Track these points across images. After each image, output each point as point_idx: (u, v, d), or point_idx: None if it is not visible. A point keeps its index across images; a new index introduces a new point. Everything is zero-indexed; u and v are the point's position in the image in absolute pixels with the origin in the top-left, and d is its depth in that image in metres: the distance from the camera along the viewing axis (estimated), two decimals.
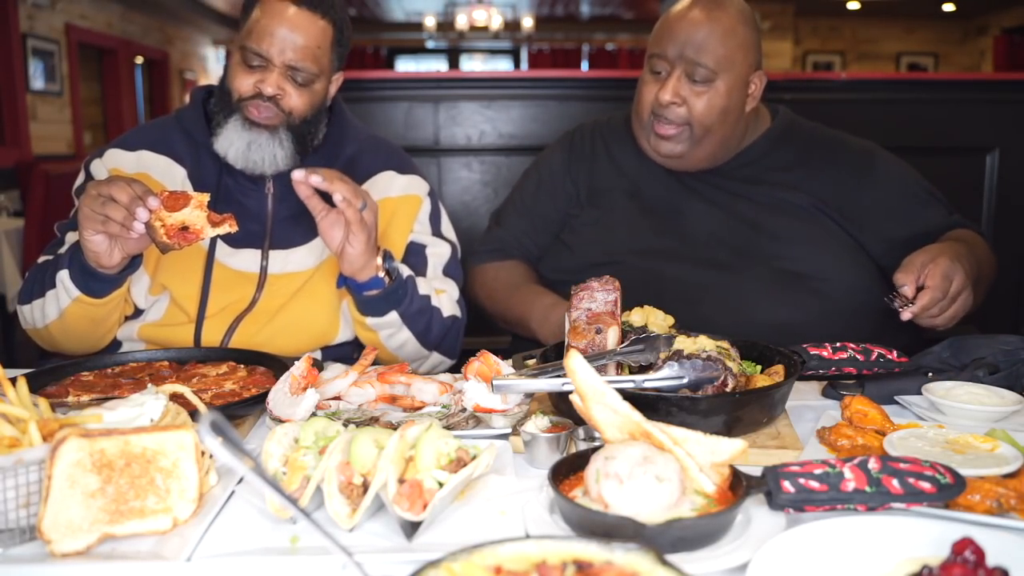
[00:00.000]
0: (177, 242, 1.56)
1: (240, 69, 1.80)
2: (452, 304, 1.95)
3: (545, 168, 2.19)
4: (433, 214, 2.02)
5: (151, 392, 1.23)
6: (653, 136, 1.97)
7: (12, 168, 7.32)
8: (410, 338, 1.85)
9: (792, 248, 1.94)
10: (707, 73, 1.88)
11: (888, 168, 2.06)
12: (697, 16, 1.88)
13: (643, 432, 1.05)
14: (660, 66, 1.92)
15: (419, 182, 2.02)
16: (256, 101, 1.79)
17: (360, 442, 1.06)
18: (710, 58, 1.87)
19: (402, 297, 1.80)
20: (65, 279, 1.69)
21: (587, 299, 1.50)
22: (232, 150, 1.81)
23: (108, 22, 10.93)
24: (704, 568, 0.94)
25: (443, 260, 1.98)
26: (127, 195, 1.54)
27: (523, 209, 2.19)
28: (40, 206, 4.99)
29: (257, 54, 1.76)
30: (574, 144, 2.19)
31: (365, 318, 1.80)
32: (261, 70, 1.78)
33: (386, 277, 1.77)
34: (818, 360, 1.47)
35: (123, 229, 1.55)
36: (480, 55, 17.92)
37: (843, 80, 3.30)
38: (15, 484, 1.00)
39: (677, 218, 2.02)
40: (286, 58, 1.77)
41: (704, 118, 1.90)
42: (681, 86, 1.89)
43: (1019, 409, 1.39)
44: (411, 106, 3.23)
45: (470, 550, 0.84)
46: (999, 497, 1.05)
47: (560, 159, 2.18)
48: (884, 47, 15.12)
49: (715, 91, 1.89)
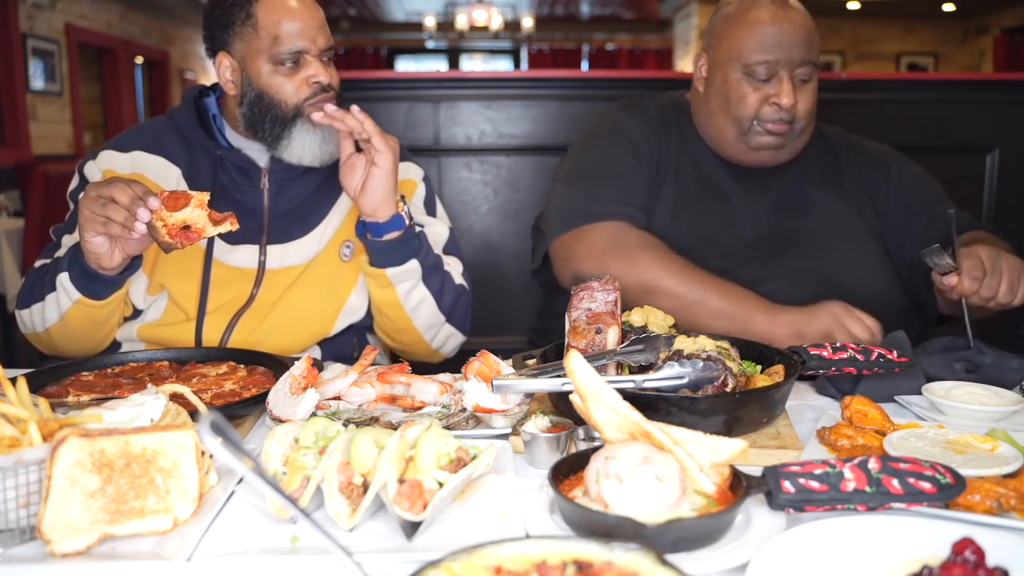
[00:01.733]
0: (180, 241, 1.56)
1: (277, 77, 1.78)
2: (459, 275, 1.95)
3: (637, 134, 2.11)
4: (428, 199, 2.03)
5: (151, 392, 1.23)
6: (757, 137, 1.99)
7: (12, 168, 7.31)
8: (427, 296, 1.84)
9: (824, 251, 1.98)
10: (811, 70, 1.96)
11: (904, 168, 2.13)
12: (787, 15, 1.94)
13: (643, 432, 1.05)
14: (763, 72, 1.95)
15: (414, 168, 2.04)
16: (316, 97, 1.79)
17: (360, 442, 1.06)
18: (813, 53, 1.95)
19: (420, 245, 1.81)
20: (65, 282, 1.69)
21: (587, 299, 1.50)
22: (308, 154, 1.82)
23: (108, 22, 10.93)
24: (704, 568, 0.94)
25: (443, 238, 1.98)
26: (128, 196, 1.54)
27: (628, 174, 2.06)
28: (40, 206, 4.99)
29: (295, 53, 1.77)
30: (646, 112, 2.16)
31: (385, 270, 1.79)
32: (298, 68, 1.78)
33: (406, 217, 1.78)
34: (818, 360, 1.47)
35: (124, 230, 1.55)
36: (480, 55, 17.92)
37: (843, 80, 3.30)
38: (15, 484, 1.00)
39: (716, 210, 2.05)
40: (319, 44, 1.79)
41: (809, 113, 1.99)
42: (795, 88, 1.95)
43: (1019, 409, 1.39)
44: (411, 106, 3.23)
45: (470, 550, 0.84)
46: (999, 497, 1.05)
47: (642, 124, 2.13)
48: (884, 47, 15.11)
49: (813, 85, 1.99)
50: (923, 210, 2.06)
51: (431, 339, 1.91)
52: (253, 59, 1.79)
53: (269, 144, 1.83)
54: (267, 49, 1.77)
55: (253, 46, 1.78)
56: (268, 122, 1.81)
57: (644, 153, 2.08)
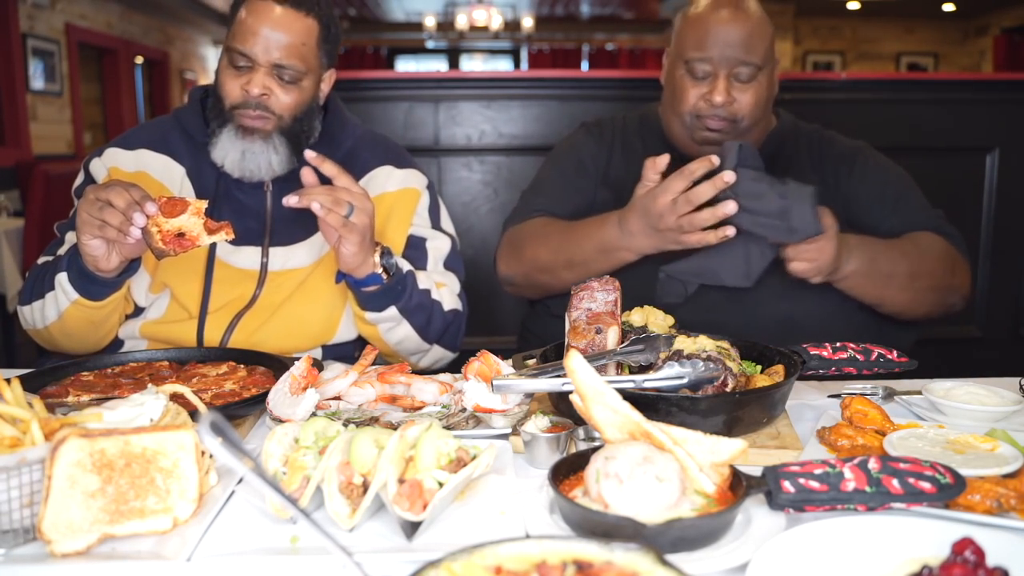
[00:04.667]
0: (173, 248, 1.55)
1: (227, 73, 1.79)
2: (453, 298, 1.95)
3: (584, 150, 2.17)
4: (432, 207, 2.02)
5: (151, 392, 1.23)
6: (700, 132, 2.00)
7: (12, 168, 7.32)
8: (410, 333, 1.84)
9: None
10: (753, 71, 1.94)
11: (872, 164, 2.10)
12: (731, 16, 1.93)
13: (643, 432, 1.05)
14: (702, 69, 1.95)
15: (417, 175, 2.02)
16: (247, 110, 1.78)
17: (360, 442, 1.06)
18: (756, 56, 1.93)
19: (401, 293, 1.80)
20: (63, 282, 1.69)
21: (587, 299, 1.50)
22: (228, 160, 1.81)
23: (108, 22, 10.93)
24: (704, 568, 0.94)
25: (443, 253, 1.98)
26: (124, 200, 1.54)
27: (565, 184, 2.15)
28: (40, 206, 4.99)
29: (242, 54, 1.76)
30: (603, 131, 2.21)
31: (364, 312, 1.80)
32: (247, 71, 1.77)
33: (384, 274, 1.77)
34: (818, 360, 1.47)
35: (120, 234, 1.55)
36: (480, 55, 17.92)
37: (843, 80, 3.30)
38: (19, 484, 1.00)
39: None
40: (271, 57, 1.76)
41: (752, 112, 1.97)
42: (730, 86, 1.95)
43: (1019, 409, 1.39)
44: (411, 106, 3.23)
45: (470, 550, 0.84)
46: (999, 497, 1.05)
47: (593, 143, 2.19)
48: (884, 47, 15.12)
49: (759, 85, 1.96)
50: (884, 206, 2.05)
51: (417, 360, 1.93)
52: (223, 51, 1.82)
53: (209, 139, 1.84)
54: (228, 41, 1.79)
55: (227, 38, 1.81)
56: (212, 116, 1.84)
57: (589, 170, 2.14)
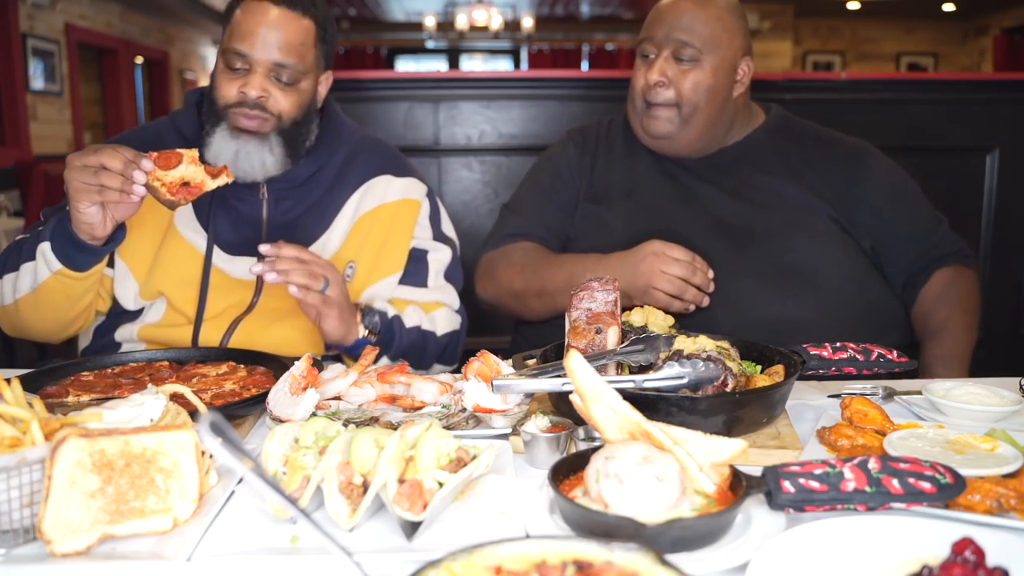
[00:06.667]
0: (183, 197, 1.56)
1: (224, 75, 1.78)
2: (450, 316, 1.96)
3: (562, 160, 2.19)
4: (433, 215, 2.02)
5: (151, 392, 1.23)
6: (644, 118, 2.02)
7: (12, 168, 7.31)
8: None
9: (787, 242, 1.96)
10: (693, 52, 1.95)
11: (879, 165, 2.08)
12: (685, 3, 1.96)
13: (643, 432, 1.05)
14: (649, 50, 1.99)
15: (416, 184, 2.01)
16: (243, 109, 1.76)
17: (360, 442, 1.06)
18: (696, 37, 1.94)
19: (390, 342, 1.82)
20: (47, 251, 1.67)
21: (587, 299, 1.50)
22: (221, 160, 1.79)
23: (108, 22, 10.92)
24: (704, 568, 0.94)
25: (444, 264, 1.99)
26: (120, 160, 1.52)
27: (541, 199, 2.17)
28: (40, 206, 5.01)
29: (239, 54, 1.74)
30: (586, 140, 2.21)
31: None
32: (244, 73, 1.75)
33: (371, 336, 1.78)
34: (818, 360, 1.47)
35: (122, 195, 1.53)
36: (480, 55, 17.91)
37: (843, 80, 3.30)
38: (19, 483, 1.00)
39: (672, 214, 2.03)
40: (270, 57, 1.74)
41: (691, 96, 1.96)
42: (668, 66, 1.96)
43: (1019, 409, 1.39)
44: (411, 106, 3.23)
45: (470, 550, 0.84)
46: (999, 497, 1.05)
47: (574, 152, 2.20)
48: (884, 47, 15.12)
49: (701, 70, 1.96)
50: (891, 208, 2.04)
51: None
52: (218, 54, 1.81)
53: (203, 141, 1.82)
54: (224, 42, 1.79)
55: (223, 40, 1.80)
56: (206, 116, 1.83)
57: (564, 179, 2.16)
